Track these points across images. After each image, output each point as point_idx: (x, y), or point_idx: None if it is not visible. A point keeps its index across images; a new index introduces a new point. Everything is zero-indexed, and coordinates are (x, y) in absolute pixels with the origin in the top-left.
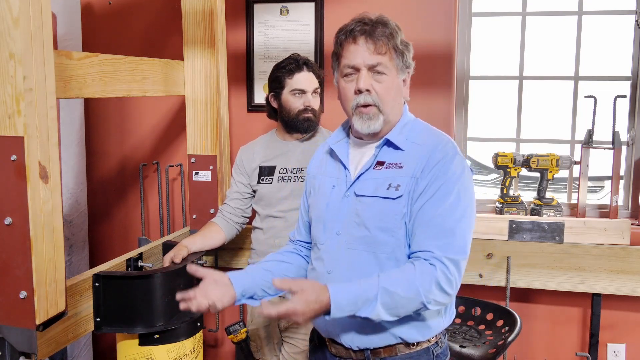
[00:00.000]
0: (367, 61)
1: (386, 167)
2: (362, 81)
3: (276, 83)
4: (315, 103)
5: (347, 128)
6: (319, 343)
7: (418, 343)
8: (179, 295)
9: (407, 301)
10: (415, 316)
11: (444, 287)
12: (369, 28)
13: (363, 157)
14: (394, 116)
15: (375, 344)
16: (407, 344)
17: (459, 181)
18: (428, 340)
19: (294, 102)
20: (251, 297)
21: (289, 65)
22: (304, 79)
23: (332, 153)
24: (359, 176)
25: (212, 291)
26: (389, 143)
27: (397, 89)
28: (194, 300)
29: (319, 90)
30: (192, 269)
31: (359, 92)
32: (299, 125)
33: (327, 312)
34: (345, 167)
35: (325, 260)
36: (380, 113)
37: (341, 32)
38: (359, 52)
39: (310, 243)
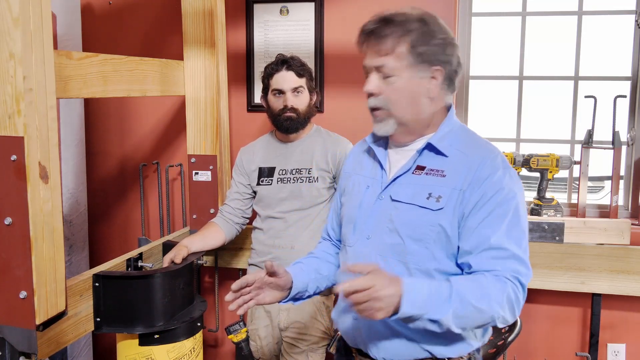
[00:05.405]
0: (372, 63)
1: (426, 173)
2: (367, 84)
3: (263, 85)
4: (297, 102)
5: None
6: (345, 354)
7: (448, 359)
8: (230, 296)
9: (478, 313)
10: (450, 335)
11: (514, 306)
12: (374, 28)
13: (402, 159)
14: (420, 117)
15: (402, 357)
16: None
17: (515, 199)
18: (460, 357)
19: (274, 103)
20: (297, 299)
21: (270, 66)
22: (282, 79)
23: (369, 151)
24: (395, 179)
25: (267, 296)
26: (430, 147)
27: (413, 89)
28: (249, 302)
29: (302, 89)
30: (269, 265)
31: (368, 94)
32: (279, 125)
33: (396, 309)
34: (382, 167)
35: None
36: (391, 116)
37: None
38: (367, 54)
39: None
